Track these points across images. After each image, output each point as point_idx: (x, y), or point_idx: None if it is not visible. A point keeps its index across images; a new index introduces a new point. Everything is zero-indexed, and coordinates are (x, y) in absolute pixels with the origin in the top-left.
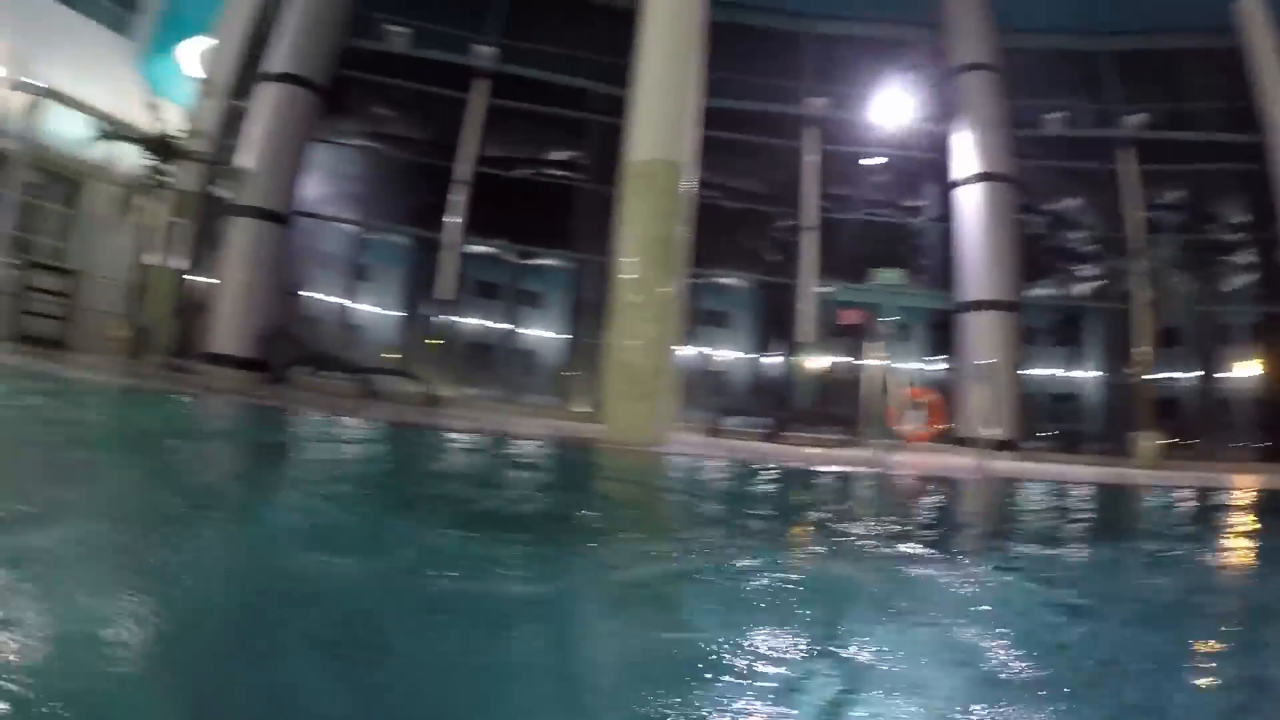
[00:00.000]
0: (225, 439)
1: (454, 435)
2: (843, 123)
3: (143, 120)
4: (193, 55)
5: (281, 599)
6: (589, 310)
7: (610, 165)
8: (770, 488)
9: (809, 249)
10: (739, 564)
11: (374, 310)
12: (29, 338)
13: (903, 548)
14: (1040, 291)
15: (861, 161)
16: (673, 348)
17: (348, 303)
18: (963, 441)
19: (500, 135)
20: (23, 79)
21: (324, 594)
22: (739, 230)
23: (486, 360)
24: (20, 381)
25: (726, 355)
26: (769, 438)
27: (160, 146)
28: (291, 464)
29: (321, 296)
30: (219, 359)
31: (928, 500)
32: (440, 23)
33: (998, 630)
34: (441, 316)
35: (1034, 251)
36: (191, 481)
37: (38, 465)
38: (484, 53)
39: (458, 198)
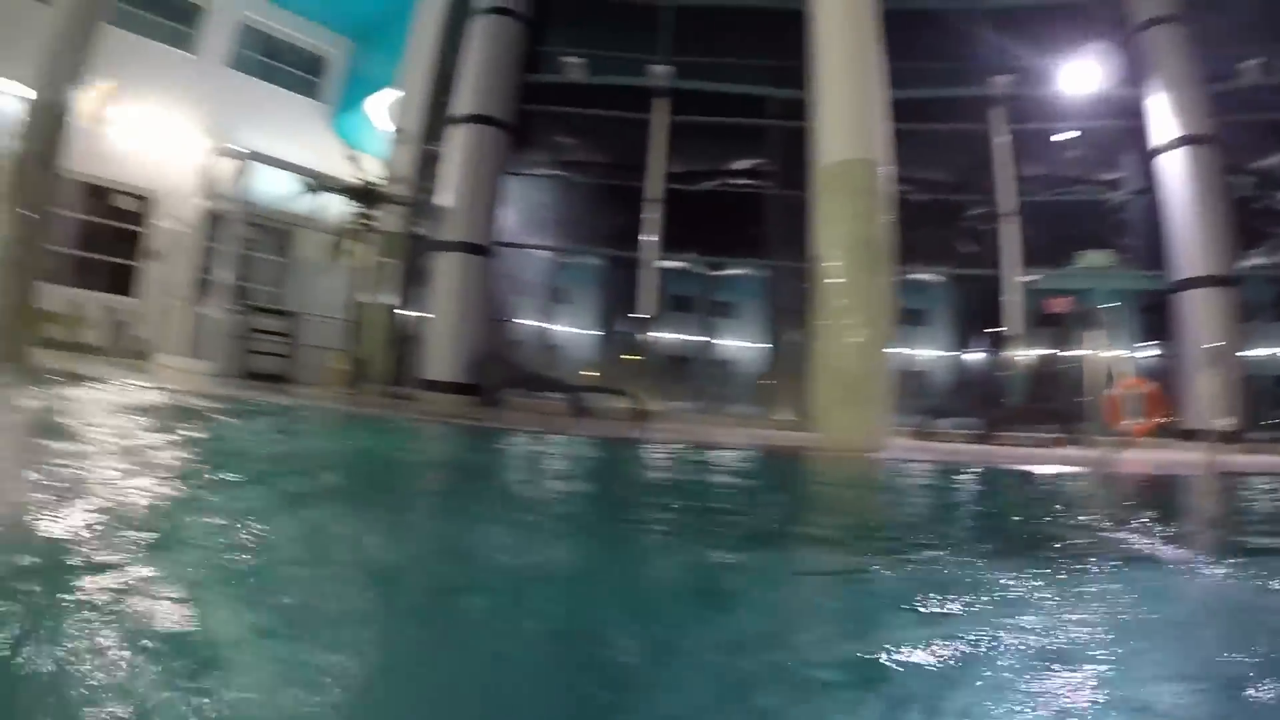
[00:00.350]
0: (477, 462)
1: (674, 449)
2: (1029, 99)
3: (344, 172)
4: (379, 108)
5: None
6: (785, 317)
7: (795, 169)
8: (1025, 494)
9: (1007, 236)
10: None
11: (574, 330)
12: (255, 374)
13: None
14: (1256, 261)
15: (1054, 138)
16: (885, 350)
17: (550, 325)
18: (1188, 435)
19: (683, 150)
20: (229, 146)
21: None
22: (930, 223)
23: (686, 373)
24: (267, 416)
25: (927, 354)
26: (981, 439)
27: (364, 194)
28: (550, 485)
29: (525, 321)
30: (434, 385)
31: (1189, 501)
32: (613, 49)
33: None
34: (640, 333)
35: (1245, 217)
36: (486, 506)
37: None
38: (659, 72)
39: (650, 215)
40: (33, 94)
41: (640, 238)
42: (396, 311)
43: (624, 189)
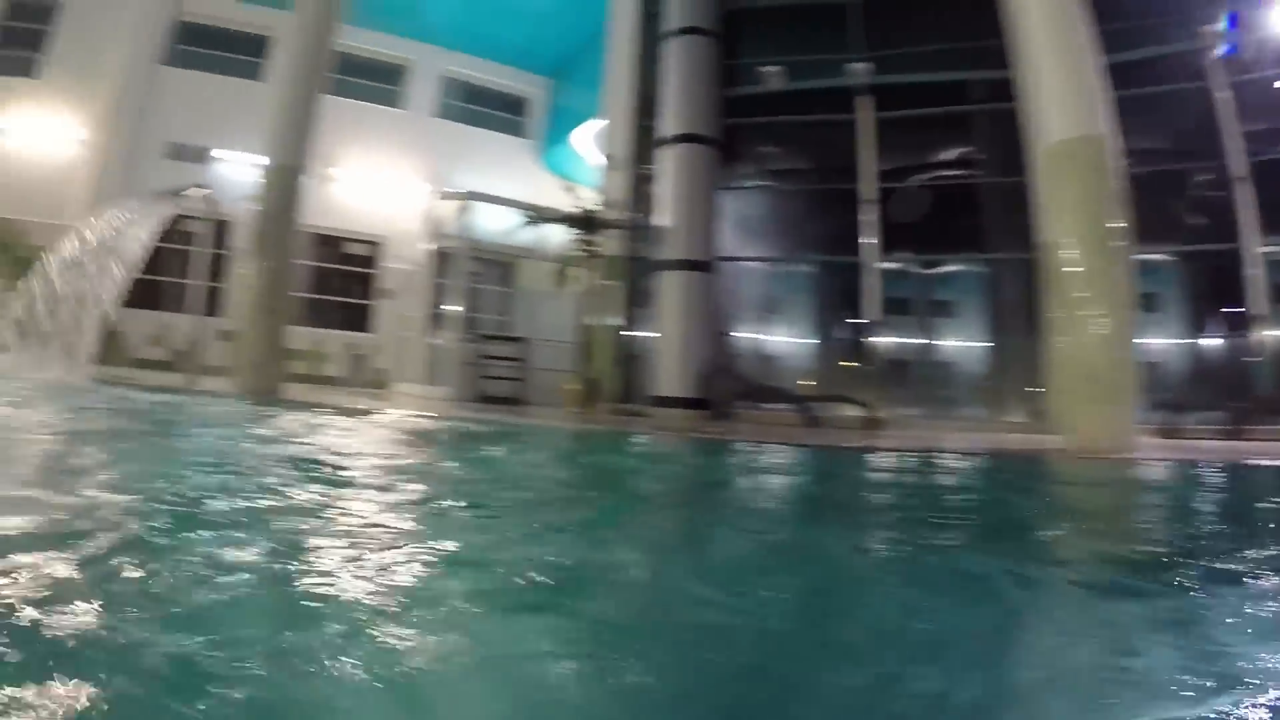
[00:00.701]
0: (733, 474)
1: (911, 457)
2: (1251, 46)
3: (561, 202)
4: (585, 139)
5: None
6: (1008, 313)
7: (1008, 154)
8: None
9: (1244, 203)
10: None
11: (794, 340)
12: (489, 398)
13: None
14: None
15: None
16: (1130, 340)
17: (770, 336)
18: None
19: (890, 147)
20: (448, 190)
21: None
22: (1152, 197)
23: (909, 378)
24: (529, 438)
25: (1160, 342)
26: (1232, 434)
27: (584, 222)
28: (820, 497)
29: (748, 333)
30: (664, 401)
31: None
32: (808, 53)
33: None
34: (861, 337)
35: None
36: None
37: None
38: (857, 70)
39: (866, 217)
40: (266, 160)
41: (859, 240)
42: (623, 332)
43: (834, 193)
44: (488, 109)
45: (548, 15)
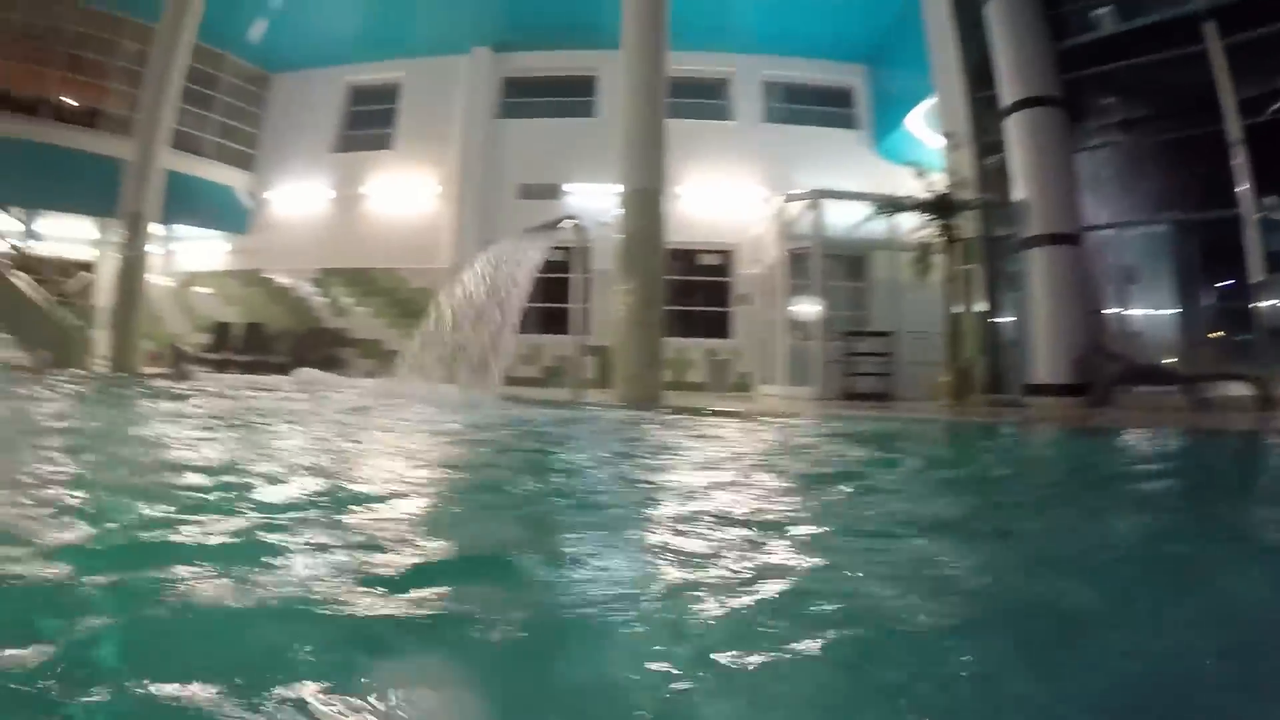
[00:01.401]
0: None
1: None
2: None
3: (910, 189)
4: (919, 120)
5: None
6: None
7: None
8: None
9: None
10: None
11: (1163, 312)
12: (855, 395)
13: None
14: None
15: None
16: None
17: (1139, 309)
18: None
19: (1250, 75)
20: (790, 192)
21: None
22: None
23: None
24: (922, 437)
25: None
26: None
27: (938, 206)
28: None
29: (1122, 309)
30: (1038, 389)
31: None
32: None
33: None
34: (1242, 303)
35: None
36: None
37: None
38: None
39: (1236, 161)
40: (621, 188)
41: (1232, 189)
42: (988, 319)
43: (1194, 139)
44: (812, 106)
45: (853, 1)
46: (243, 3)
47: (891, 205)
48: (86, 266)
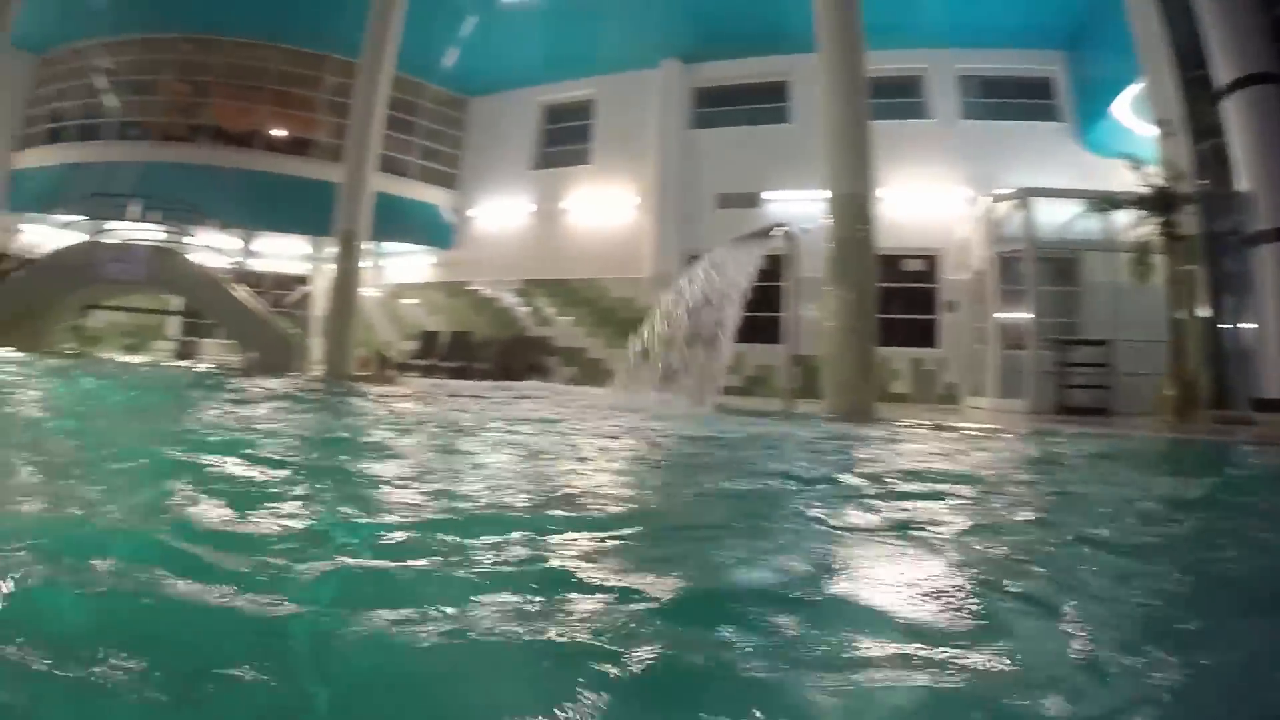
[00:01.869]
0: None
1: None
2: None
3: (1124, 183)
4: (1124, 108)
5: None
6: None
7: None
8: None
9: None
10: None
11: None
12: (1069, 408)
13: None
14: None
15: None
16: None
17: None
18: None
19: None
20: (995, 191)
21: None
22: None
23: None
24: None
25: None
26: None
27: (1159, 201)
28: None
29: None
30: (1270, 404)
31: None
32: None
33: None
34: None
35: None
36: None
37: None
38: None
39: None
40: (830, 192)
41: None
42: (1215, 324)
43: None
44: (1010, 99)
45: None
46: (439, 35)
47: (1106, 202)
48: (301, 280)
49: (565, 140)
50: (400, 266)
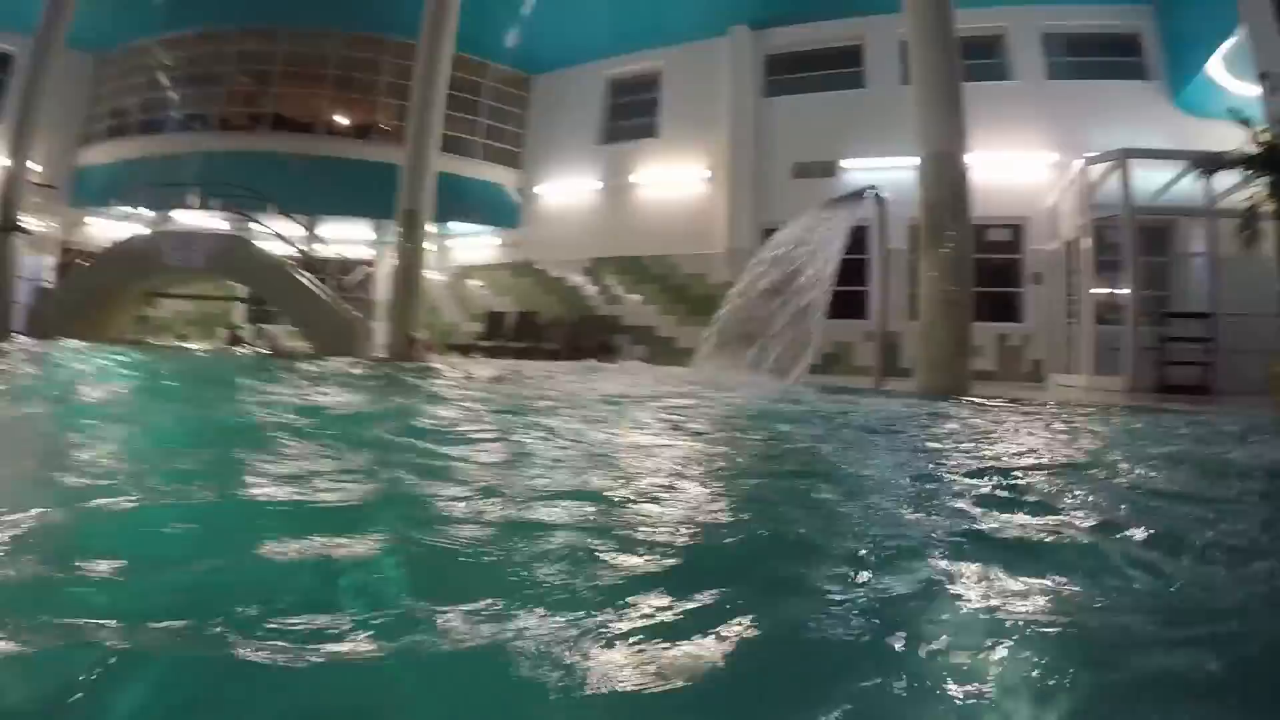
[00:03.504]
0: None
1: None
2: None
3: (1221, 146)
4: (1220, 64)
5: None
6: None
7: None
8: None
9: None
10: None
11: None
12: (1170, 387)
13: None
14: None
15: None
16: None
17: None
18: None
19: None
20: (1087, 154)
21: None
22: None
23: None
24: None
25: None
26: None
27: (1268, 160)
28: None
29: None
30: None
31: None
32: None
33: None
34: None
35: None
36: None
37: None
38: None
39: None
40: (924, 153)
41: None
42: None
43: None
44: (1097, 57)
45: None
46: (499, 13)
47: (1212, 163)
48: (365, 264)
49: (632, 114)
50: (466, 248)
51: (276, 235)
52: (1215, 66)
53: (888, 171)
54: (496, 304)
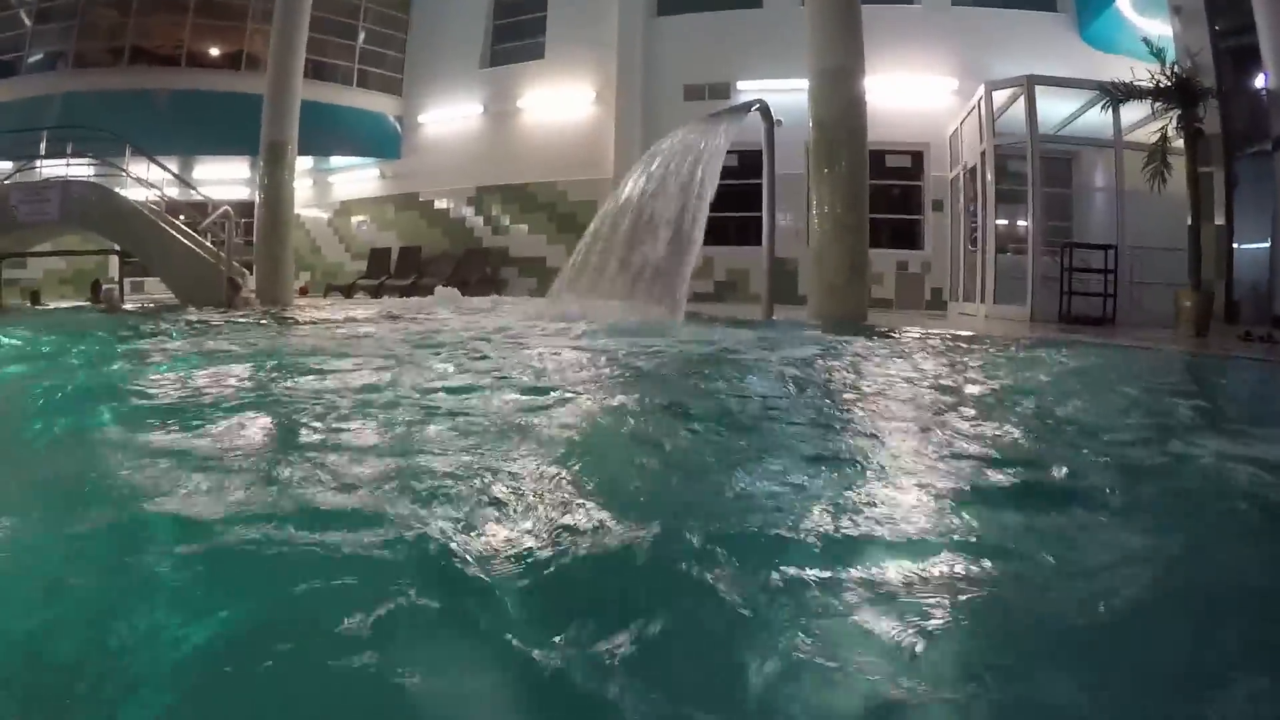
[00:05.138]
0: None
1: None
2: None
3: (1134, 75)
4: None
5: None
6: None
7: None
8: None
9: None
10: None
11: None
12: (1073, 318)
13: None
14: None
15: None
16: None
17: None
18: None
19: None
20: (989, 82)
21: None
22: None
23: None
24: None
25: None
26: None
27: (1181, 93)
28: None
29: None
30: None
31: None
32: None
33: None
34: None
35: None
36: None
37: None
38: None
39: None
40: (817, 68)
41: None
42: (1231, 234)
43: None
44: None
45: None
46: None
47: (1121, 92)
48: (237, 206)
49: (518, 35)
50: (347, 182)
51: (138, 180)
52: (1124, 1)
53: (786, 94)
54: (380, 240)
